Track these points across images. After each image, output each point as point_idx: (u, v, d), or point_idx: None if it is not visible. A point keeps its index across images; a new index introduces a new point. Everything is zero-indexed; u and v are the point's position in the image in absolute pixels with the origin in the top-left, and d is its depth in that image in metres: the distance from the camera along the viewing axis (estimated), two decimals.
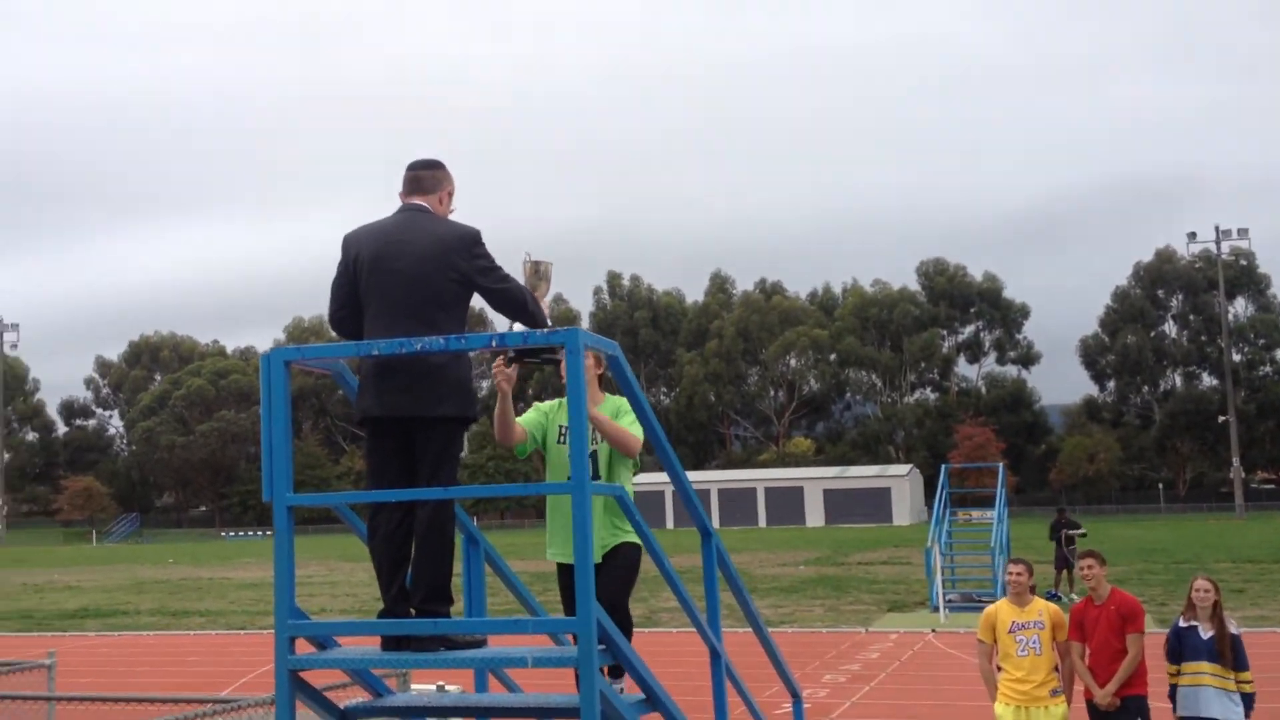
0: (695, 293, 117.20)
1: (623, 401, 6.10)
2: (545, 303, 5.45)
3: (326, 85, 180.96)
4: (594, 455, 5.95)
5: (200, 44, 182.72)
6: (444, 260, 5.00)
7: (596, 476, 5.93)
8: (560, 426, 6.21)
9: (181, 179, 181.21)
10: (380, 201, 5.50)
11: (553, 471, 6.21)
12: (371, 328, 5.08)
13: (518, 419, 6.14)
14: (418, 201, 5.25)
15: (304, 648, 4.84)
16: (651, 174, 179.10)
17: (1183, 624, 8.79)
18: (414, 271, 5.01)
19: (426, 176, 5.30)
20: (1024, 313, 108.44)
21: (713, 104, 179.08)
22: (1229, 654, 8.53)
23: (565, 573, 6.10)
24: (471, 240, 5.07)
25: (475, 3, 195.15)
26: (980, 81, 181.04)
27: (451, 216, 5.35)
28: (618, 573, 5.98)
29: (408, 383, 4.94)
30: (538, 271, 5.48)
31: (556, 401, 6.37)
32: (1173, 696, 8.76)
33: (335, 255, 5.27)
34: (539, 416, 6.29)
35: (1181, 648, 8.70)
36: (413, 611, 4.89)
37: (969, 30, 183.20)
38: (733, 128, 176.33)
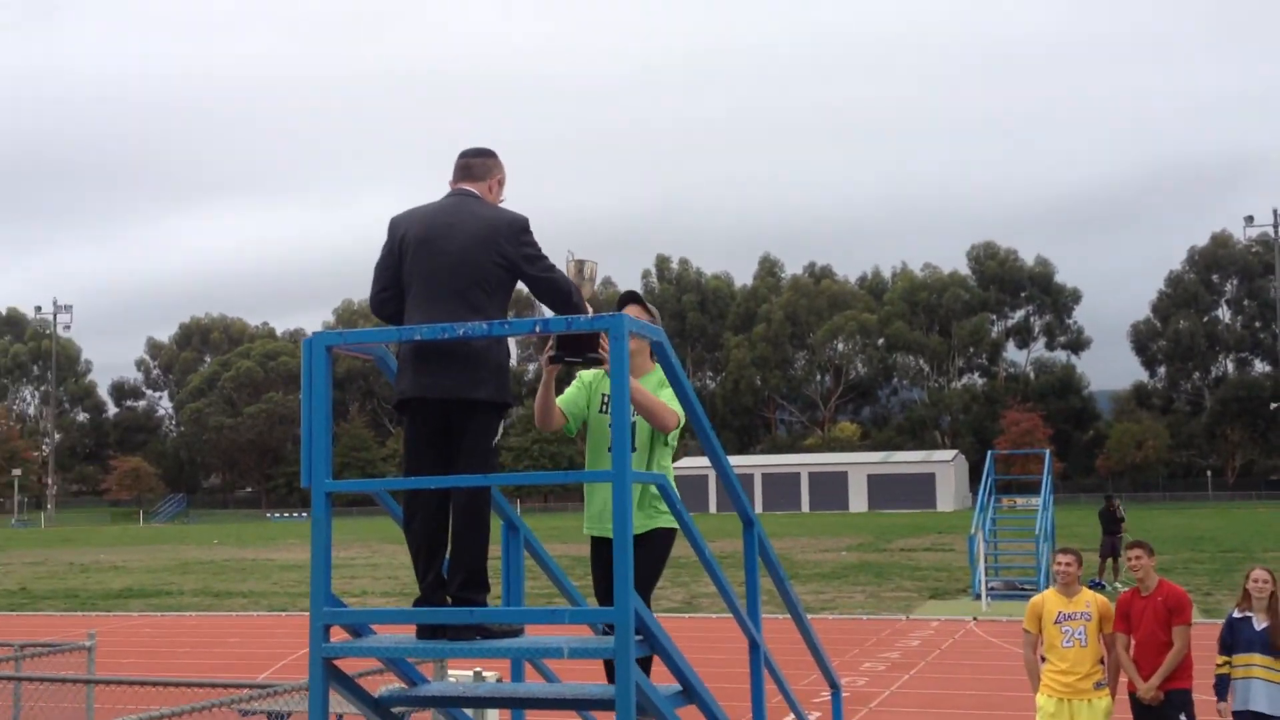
0: (744, 276, 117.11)
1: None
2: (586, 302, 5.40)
3: (377, 68, 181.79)
4: (632, 427, 5.79)
5: (251, 28, 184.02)
6: (491, 244, 4.98)
7: (634, 449, 5.82)
8: (603, 395, 6.08)
9: (233, 162, 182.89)
10: (430, 184, 5.48)
11: (593, 442, 6.08)
12: (413, 309, 5.07)
13: (559, 397, 6.07)
14: (467, 187, 5.25)
15: (339, 634, 4.81)
16: (701, 157, 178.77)
17: (1237, 615, 8.61)
18: (460, 254, 5.00)
19: (477, 164, 5.31)
20: (1075, 297, 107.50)
21: (764, 87, 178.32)
22: None
23: (599, 547, 6.00)
24: (520, 227, 5.05)
25: None
26: (1033, 63, 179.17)
27: (501, 205, 5.33)
28: (644, 563, 5.76)
29: (446, 365, 4.92)
30: (581, 271, 5.42)
31: (600, 371, 6.25)
32: (1218, 688, 8.59)
33: (385, 238, 5.27)
34: (580, 389, 6.16)
35: (1234, 639, 8.53)
36: (449, 599, 4.86)
37: (1021, 11, 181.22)
38: (783, 110, 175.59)
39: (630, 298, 6.08)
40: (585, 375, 6.19)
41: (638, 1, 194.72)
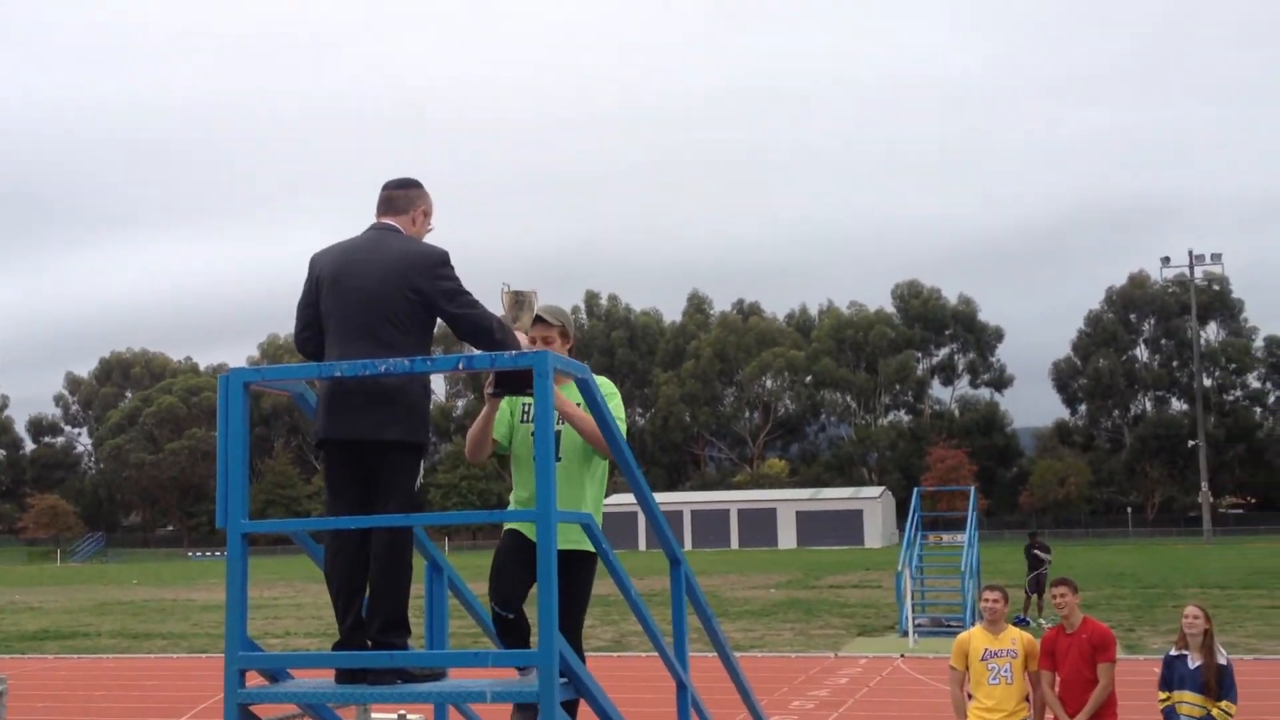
0: (673, 313, 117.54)
1: (598, 380, 5.66)
2: (524, 333, 5.32)
3: (305, 103, 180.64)
4: (557, 435, 5.51)
5: (177, 60, 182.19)
6: (403, 279, 4.89)
7: (559, 459, 5.52)
8: (524, 405, 5.82)
9: (156, 194, 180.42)
10: (359, 218, 5.37)
11: (519, 454, 5.79)
12: (330, 347, 5.00)
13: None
14: (388, 221, 5.17)
15: (256, 679, 4.69)
16: (630, 194, 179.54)
17: (1173, 652, 8.70)
18: (371, 290, 4.92)
19: (399, 196, 5.21)
20: (997, 336, 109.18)
21: (691, 126, 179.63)
22: (1214, 684, 8.41)
23: (521, 542, 5.59)
24: (436, 261, 4.94)
25: (459, 25, 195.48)
26: (956, 105, 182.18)
27: (429, 237, 5.24)
28: (579, 589, 5.59)
29: (358, 404, 4.85)
30: (519, 301, 5.31)
31: None
32: (1168, 717, 8.64)
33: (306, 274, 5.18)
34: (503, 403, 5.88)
35: (1171, 676, 8.62)
36: (369, 643, 4.75)
37: (943, 55, 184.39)
38: (711, 149, 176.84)
39: (537, 318, 5.78)
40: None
41: (570, 43, 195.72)
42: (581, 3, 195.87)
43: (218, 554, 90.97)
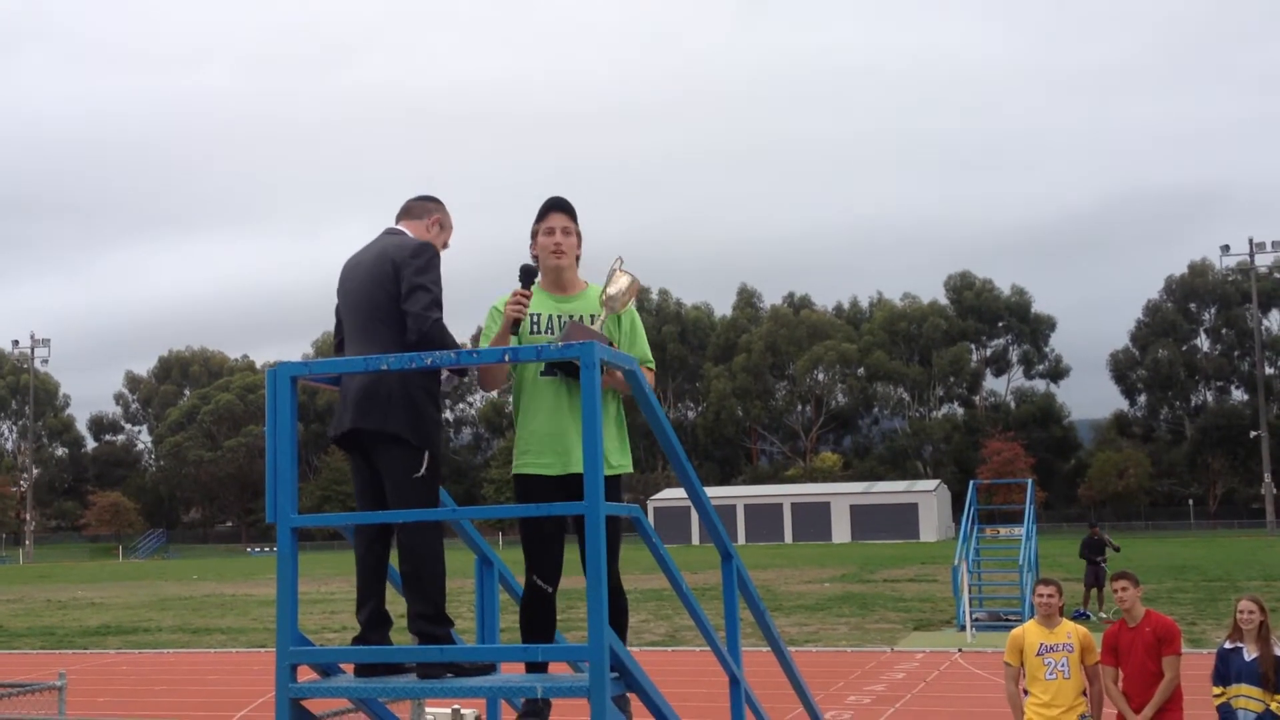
0: (723, 307, 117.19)
1: (629, 313, 5.49)
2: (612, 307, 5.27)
3: (355, 103, 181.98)
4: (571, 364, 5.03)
5: (232, 62, 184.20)
6: (385, 275, 4.96)
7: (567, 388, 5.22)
8: (533, 314, 5.30)
9: (212, 195, 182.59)
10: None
11: (523, 375, 5.29)
12: (346, 351, 5.13)
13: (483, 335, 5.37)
14: (398, 225, 5.30)
15: (308, 674, 4.68)
16: (680, 187, 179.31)
17: (1228, 645, 8.54)
18: (359, 291, 5.05)
19: (416, 205, 5.35)
20: (1051, 326, 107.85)
21: (740, 118, 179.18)
22: (1272, 676, 8.24)
23: (538, 487, 5.20)
24: (410, 251, 4.98)
25: (502, 19, 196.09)
26: (1009, 94, 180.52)
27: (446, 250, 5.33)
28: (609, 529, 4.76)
29: (354, 400, 4.94)
30: (614, 275, 5.25)
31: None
32: (1223, 716, 8.48)
33: None
34: (495, 320, 5.34)
35: (1226, 670, 8.45)
36: (404, 636, 4.78)
37: (996, 42, 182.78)
38: (761, 141, 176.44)
39: (555, 204, 5.46)
40: (499, 304, 5.39)
41: (613, 31, 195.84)
42: None
43: (276, 549, 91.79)
